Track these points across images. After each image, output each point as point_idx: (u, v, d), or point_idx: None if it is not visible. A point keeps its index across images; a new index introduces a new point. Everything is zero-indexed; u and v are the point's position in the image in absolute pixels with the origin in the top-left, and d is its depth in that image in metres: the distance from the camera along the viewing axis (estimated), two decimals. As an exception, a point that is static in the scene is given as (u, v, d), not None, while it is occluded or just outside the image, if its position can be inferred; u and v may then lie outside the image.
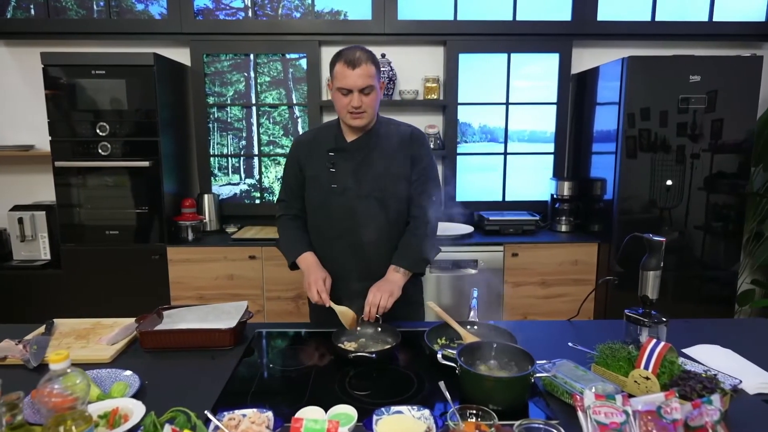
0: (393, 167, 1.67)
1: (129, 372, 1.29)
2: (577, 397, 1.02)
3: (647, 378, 1.16)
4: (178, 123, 3.03)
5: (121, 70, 2.68)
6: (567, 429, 0.98)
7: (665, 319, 1.37)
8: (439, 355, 1.27)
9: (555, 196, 3.08)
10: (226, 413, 1.08)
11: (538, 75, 3.22)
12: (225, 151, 3.22)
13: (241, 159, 3.23)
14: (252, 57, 3.12)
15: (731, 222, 2.75)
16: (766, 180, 3.14)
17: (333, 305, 1.58)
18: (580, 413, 0.99)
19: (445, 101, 3.16)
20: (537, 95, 3.23)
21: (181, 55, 3.09)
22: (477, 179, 3.32)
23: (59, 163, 2.72)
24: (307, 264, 1.69)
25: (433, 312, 1.59)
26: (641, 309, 1.41)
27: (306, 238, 1.76)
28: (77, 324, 1.63)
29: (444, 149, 3.17)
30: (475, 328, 1.52)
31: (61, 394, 0.88)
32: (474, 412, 1.03)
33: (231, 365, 1.38)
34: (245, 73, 3.14)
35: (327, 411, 1.09)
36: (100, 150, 2.72)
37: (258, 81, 3.15)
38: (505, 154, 3.29)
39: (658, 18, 3.14)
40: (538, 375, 1.19)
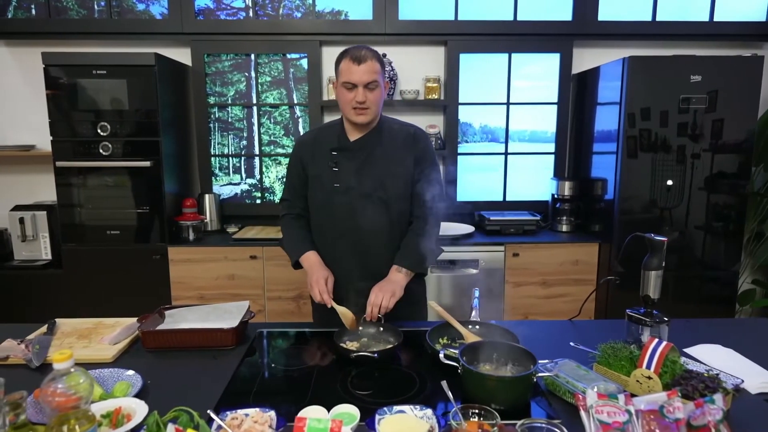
0: (396, 167, 1.67)
1: (131, 372, 1.29)
2: (580, 397, 1.02)
3: (649, 377, 1.16)
4: (179, 123, 3.03)
5: (122, 70, 2.68)
6: (569, 428, 0.98)
7: (667, 319, 1.38)
8: (441, 355, 1.28)
9: (556, 196, 3.08)
10: (228, 413, 1.07)
11: (538, 75, 3.22)
12: (226, 151, 3.22)
13: (242, 159, 3.23)
14: (253, 57, 3.12)
15: (732, 222, 2.75)
16: (766, 180, 3.14)
17: (334, 305, 1.58)
18: (582, 413, 1.00)
19: (446, 101, 3.16)
20: (538, 95, 3.23)
21: (182, 55, 3.09)
22: (478, 179, 3.33)
23: (60, 163, 2.72)
24: (310, 263, 1.69)
25: (435, 312, 1.59)
26: (643, 309, 1.41)
27: (309, 237, 1.76)
28: (79, 324, 1.64)
29: (445, 149, 3.18)
30: (477, 327, 1.52)
31: (65, 393, 0.88)
32: (476, 411, 1.03)
33: (233, 365, 1.38)
34: (246, 73, 3.14)
35: (329, 410, 1.09)
36: (101, 150, 2.72)
37: (259, 81, 3.15)
38: (506, 154, 3.30)
39: (658, 18, 3.15)
40: (540, 374, 1.19)
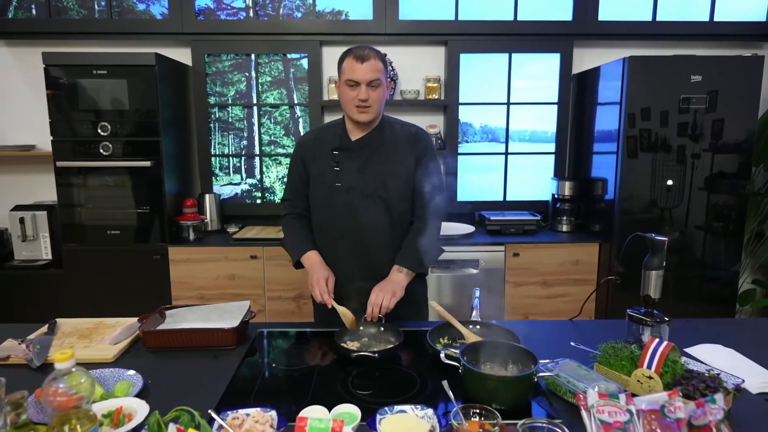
0: (397, 167, 1.67)
1: (132, 371, 1.29)
2: (581, 396, 1.02)
3: (650, 377, 1.16)
4: (179, 123, 3.03)
5: (123, 70, 2.68)
6: (570, 428, 0.98)
7: (667, 319, 1.38)
8: (442, 355, 1.28)
9: (556, 195, 3.08)
10: (229, 412, 1.07)
11: (539, 75, 3.22)
12: (226, 151, 3.22)
13: (242, 159, 3.23)
14: (253, 57, 3.12)
15: (732, 222, 2.75)
16: (766, 180, 3.14)
17: (335, 305, 1.58)
18: (583, 412, 1.00)
19: (446, 101, 3.16)
20: (538, 95, 3.23)
21: (183, 55, 3.09)
22: (478, 179, 3.33)
23: (60, 163, 2.72)
24: (311, 263, 1.69)
25: (435, 311, 1.59)
26: (643, 308, 1.41)
27: (310, 237, 1.77)
28: (80, 323, 1.64)
29: (445, 149, 3.17)
30: (478, 327, 1.52)
31: (66, 393, 0.88)
32: (477, 411, 1.03)
33: (234, 365, 1.38)
34: (246, 73, 3.14)
35: (330, 410, 1.09)
36: (101, 150, 2.72)
37: (259, 81, 3.15)
38: (506, 153, 3.30)
39: (659, 18, 3.15)
40: (541, 374, 1.19)
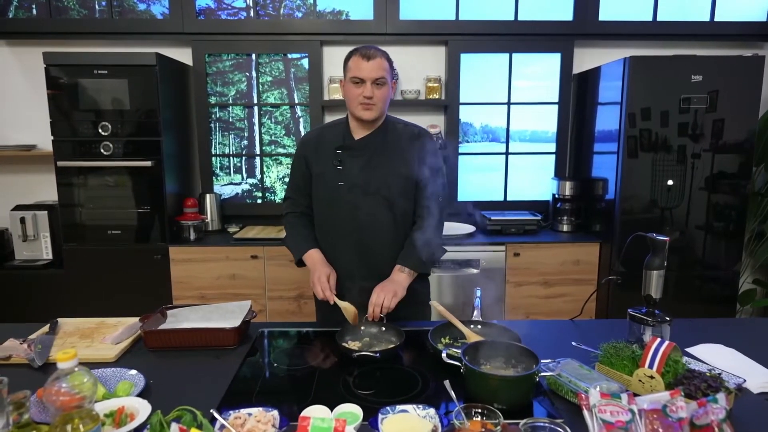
0: (400, 166, 1.67)
1: (134, 371, 1.29)
2: (583, 396, 1.02)
3: (652, 377, 1.16)
4: (179, 123, 3.03)
5: (123, 69, 2.68)
6: (572, 428, 0.99)
7: (669, 319, 1.38)
8: (444, 354, 1.28)
9: (557, 195, 3.08)
10: (231, 412, 1.08)
11: (539, 75, 3.22)
12: (227, 151, 3.22)
13: (243, 159, 3.24)
14: (254, 57, 3.12)
15: (732, 222, 2.75)
16: (767, 180, 3.14)
17: (336, 300, 1.59)
18: (585, 412, 1.00)
19: (447, 101, 3.16)
20: (538, 95, 3.23)
21: (183, 55, 3.09)
22: (478, 179, 3.33)
23: (61, 163, 2.72)
24: (313, 261, 1.69)
25: (436, 311, 1.59)
26: (645, 308, 1.41)
27: (312, 235, 1.77)
28: (81, 323, 1.64)
29: (446, 149, 3.17)
30: (479, 327, 1.52)
31: (69, 392, 0.88)
32: (479, 411, 1.04)
33: (235, 364, 1.38)
34: (247, 73, 3.14)
35: (332, 410, 1.09)
36: (102, 150, 2.72)
37: (260, 81, 3.15)
38: (507, 153, 3.30)
39: (659, 18, 3.15)
40: (542, 374, 1.19)
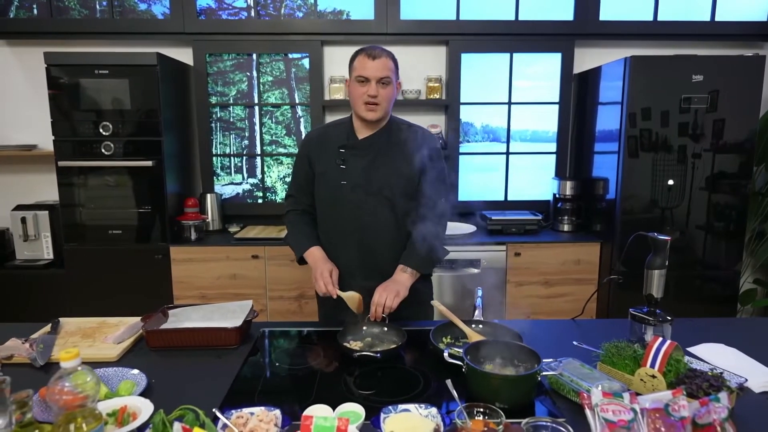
0: (403, 167, 1.67)
1: (136, 371, 1.29)
2: (585, 395, 1.02)
3: (653, 376, 1.16)
4: (180, 123, 3.04)
5: (124, 69, 2.68)
6: (574, 427, 0.98)
7: (670, 318, 1.38)
8: (446, 354, 1.28)
9: (557, 195, 3.08)
10: (233, 411, 1.08)
11: (540, 75, 3.22)
12: (227, 151, 3.22)
13: (244, 158, 3.24)
14: (254, 57, 3.12)
15: (733, 222, 2.75)
16: (767, 180, 3.14)
17: (339, 293, 1.59)
18: (587, 411, 1.00)
19: (448, 101, 3.16)
20: (539, 95, 3.23)
21: (184, 55, 3.09)
22: (479, 179, 3.33)
23: (62, 163, 2.72)
24: (314, 258, 1.70)
25: (438, 311, 1.59)
26: (646, 308, 1.41)
27: (314, 233, 1.77)
28: (83, 323, 1.64)
29: (446, 149, 3.17)
30: (480, 326, 1.52)
31: (72, 392, 0.88)
32: (481, 410, 1.04)
33: (237, 364, 1.38)
34: (248, 73, 3.14)
35: (334, 409, 1.09)
36: (102, 150, 2.72)
37: (260, 80, 3.15)
38: (508, 153, 3.30)
39: (660, 18, 3.15)
40: (544, 373, 1.20)
